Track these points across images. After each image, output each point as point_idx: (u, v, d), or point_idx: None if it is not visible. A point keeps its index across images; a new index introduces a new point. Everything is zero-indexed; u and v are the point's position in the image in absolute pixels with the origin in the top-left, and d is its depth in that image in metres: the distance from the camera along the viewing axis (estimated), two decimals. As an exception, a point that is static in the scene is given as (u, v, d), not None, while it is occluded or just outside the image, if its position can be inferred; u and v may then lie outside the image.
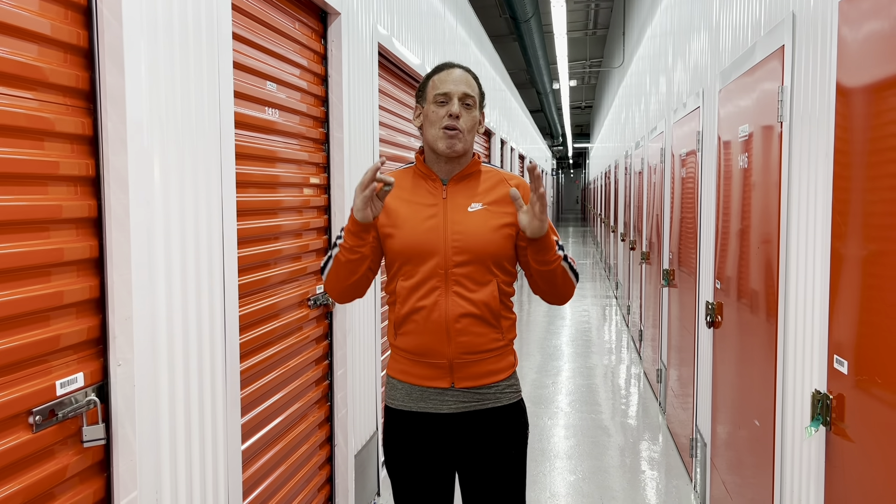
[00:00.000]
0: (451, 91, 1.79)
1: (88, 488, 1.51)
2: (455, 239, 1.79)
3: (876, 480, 1.53)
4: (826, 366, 1.82)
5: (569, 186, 51.21)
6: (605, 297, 10.29)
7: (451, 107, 1.79)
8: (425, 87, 1.86)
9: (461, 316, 1.78)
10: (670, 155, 4.72)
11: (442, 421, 1.84)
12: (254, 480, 2.31)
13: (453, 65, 1.87)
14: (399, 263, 1.82)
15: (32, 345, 1.37)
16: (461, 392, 1.83)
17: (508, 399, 1.88)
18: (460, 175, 1.86)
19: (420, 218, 1.81)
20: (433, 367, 1.82)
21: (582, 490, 3.69)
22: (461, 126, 1.79)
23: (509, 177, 1.91)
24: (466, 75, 1.85)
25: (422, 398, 1.85)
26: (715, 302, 3.15)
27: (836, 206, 1.76)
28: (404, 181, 1.88)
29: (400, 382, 1.88)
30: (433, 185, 1.85)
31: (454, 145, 1.79)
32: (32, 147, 1.37)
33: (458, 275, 1.78)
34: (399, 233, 1.81)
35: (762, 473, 2.41)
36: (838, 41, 1.76)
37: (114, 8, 1.50)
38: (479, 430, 1.85)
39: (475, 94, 1.84)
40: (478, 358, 1.82)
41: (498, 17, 13.49)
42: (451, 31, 5.89)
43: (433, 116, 1.81)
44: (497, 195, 1.85)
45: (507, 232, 1.82)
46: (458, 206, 1.82)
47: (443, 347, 1.80)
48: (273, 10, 2.46)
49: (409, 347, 1.83)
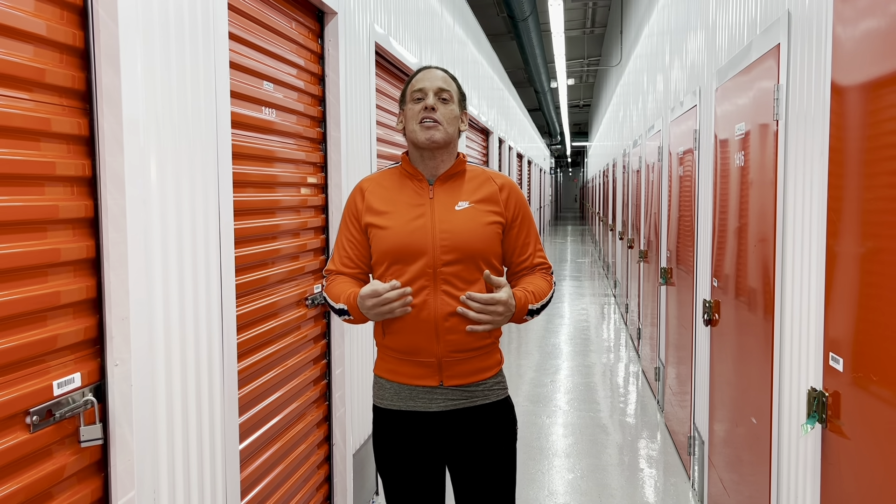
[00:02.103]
0: (425, 87, 1.84)
1: (86, 488, 1.51)
2: (443, 238, 1.80)
3: (872, 477, 1.54)
4: (822, 363, 1.82)
5: (567, 185, 51.22)
6: (604, 296, 10.30)
7: (426, 100, 1.83)
8: (405, 92, 1.92)
9: (450, 315, 1.79)
10: (668, 153, 4.72)
11: (431, 419, 1.86)
12: (252, 479, 2.31)
13: (430, 67, 1.91)
14: (387, 263, 1.83)
15: (29, 345, 1.37)
16: (450, 390, 1.85)
17: (496, 396, 1.90)
18: (446, 175, 1.88)
19: (407, 218, 1.83)
20: (422, 366, 1.83)
21: (580, 488, 3.70)
22: (438, 117, 1.82)
23: (495, 175, 1.94)
24: (443, 73, 1.89)
25: (411, 397, 1.86)
26: (712, 300, 3.15)
27: (831, 204, 1.77)
28: (391, 181, 1.91)
29: (388, 382, 1.89)
30: (419, 185, 1.88)
31: (433, 136, 1.82)
32: (29, 147, 1.37)
33: (447, 273, 1.80)
34: (386, 234, 1.83)
35: (759, 471, 2.42)
36: (833, 39, 1.77)
37: (109, 8, 1.50)
38: (468, 428, 1.87)
39: (452, 90, 1.87)
40: (466, 356, 1.83)
41: (495, 15, 13.49)
42: (448, 29, 5.89)
43: (410, 113, 1.86)
44: (483, 193, 1.88)
45: (494, 229, 1.85)
46: (445, 205, 1.84)
47: (431, 346, 1.81)
48: (269, 9, 2.46)
49: (398, 346, 1.84)
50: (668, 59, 5.05)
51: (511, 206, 1.90)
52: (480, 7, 12.02)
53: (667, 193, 4.71)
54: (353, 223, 1.91)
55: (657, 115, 5.50)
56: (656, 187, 5.23)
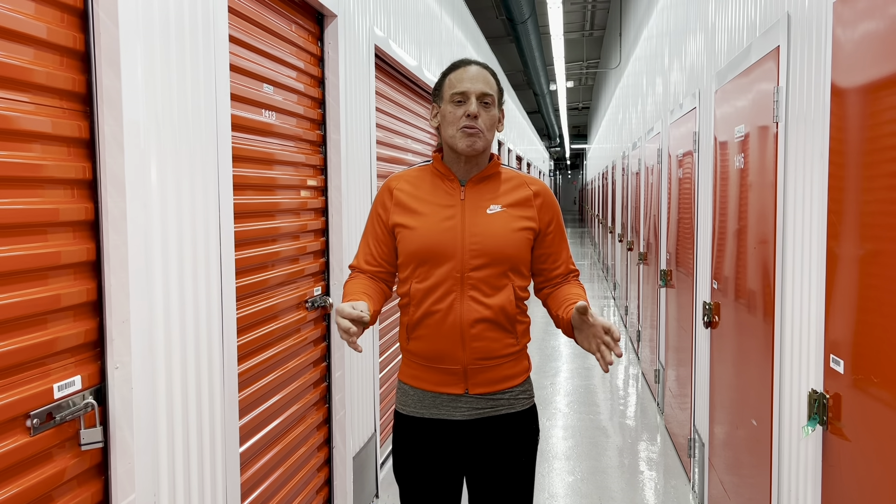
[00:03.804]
0: (468, 90, 1.74)
1: (86, 491, 1.51)
2: (473, 241, 1.74)
3: (872, 479, 1.54)
4: (822, 365, 1.82)
5: (566, 187, 51.25)
6: (603, 298, 10.30)
7: (468, 106, 1.74)
8: (441, 86, 1.81)
9: (476, 321, 1.74)
10: (667, 156, 4.72)
11: (454, 427, 1.80)
12: (252, 482, 2.31)
13: (469, 61, 1.81)
14: (414, 265, 1.77)
15: (30, 348, 1.37)
16: (475, 398, 1.79)
17: (522, 405, 1.84)
18: (479, 176, 1.81)
19: (437, 219, 1.76)
20: (447, 373, 1.78)
21: (580, 491, 3.70)
22: (480, 125, 1.74)
23: (530, 180, 1.86)
24: (484, 72, 1.79)
25: (434, 405, 1.80)
26: (712, 302, 3.15)
27: (831, 206, 1.77)
28: (421, 180, 1.84)
29: (412, 388, 1.84)
30: (451, 186, 1.80)
31: (474, 143, 1.74)
32: (29, 150, 1.37)
33: (475, 279, 1.74)
34: (415, 234, 1.76)
35: (760, 473, 2.41)
36: (833, 42, 1.77)
37: (110, 11, 1.50)
38: (490, 437, 1.81)
39: (493, 92, 1.78)
40: (493, 363, 1.78)
41: (495, 18, 13.51)
42: (447, 32, 5.90)
43: (451, 117, 1.76)
44: (517, 197, 1.81)
45: (525, 236, 1.79)
46: (476, 207, 1.78)
47: (457, 353, 1.75)
48: (269, 12, 2.46)
49: (423, 352, 1.79)
50: (667, 62, 5.05)
51: (545, 213, 1.84)
52: (480, 10, 12.05)
53: (666, 196, 4.71)
54: (379, 221, 1.85)
55: (656, 118, 5.50)
56: (656, 189, 5.23)
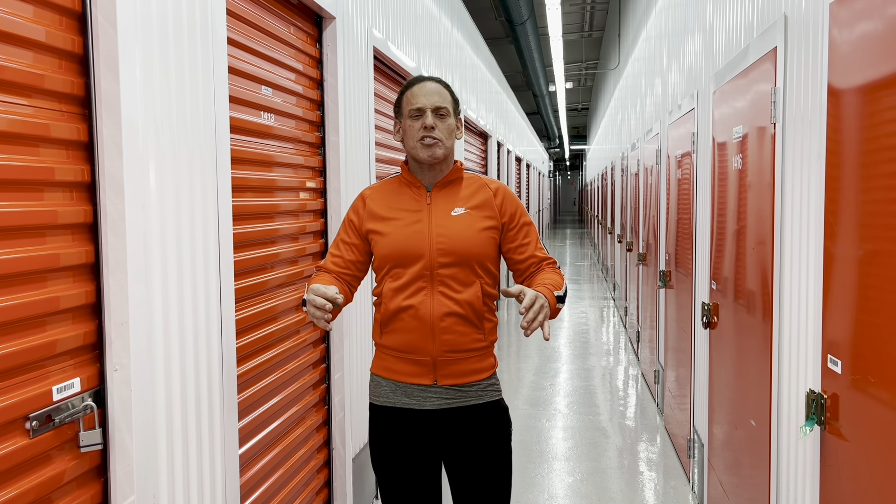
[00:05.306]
0: (423, 105, 1.90)
1: (86, 493, 1.51)
2: (440, 242, 1.89)
3: (870, 478, 1.54)
4: (820, 365, 1.82)
5: (566, 188, 51.25)
6: (603, 299, 10.30)
7: (424, 119, 1.89)
8: (401, 103, 1.97)
9: (446, 315, 1.87)
10: (666, 156, 4.73)
11: (425, 417, 1.92)
12: (251, 484, 2.31)
13: (423, 78, 1.97)
14: (389, 266, 1.92)
15: (29, 350, 1.37)
16: (444, 389, 1.91)
17: (490, 397, 1.96)
18: (443, 181, 1.96)
19: (406, 223, 1.92)
20: (417, 364, 1.91)
21: (580, 491, 3.70)
22: (437, 136, 1.90)
23: (489, 182, 2.02)
24: (437, 86, 1.94)
25: (405, 394, 1.93)
26: (711, 303, 3.15)
27: (828, 207, 1.77)
28: (391, 190, 1.99)
29: (384, 380, 1.96)
30: (418, 192, 1.96)
31: (434, 152, 1.90)
32: (28, 153, 1.38)
33: (444, 275, 1.88)
34: (387, 239, 1.92)
35: (759, 473, 2.42)
36: (829, 43, 1.78)
37: (108, 14, 1.51)
38: (461, 426, 1.92)
39: (447, 104, 1.93)
40: (460, 356, 1.90)
41: (493, 19, 13.52)
42: (446, 33, 5.90)
43: (411, 130, 1.92)
44: (479, 200, 1.95)
45: (489, 234, 1.93)
46: (441, 210, 1.93)
47: (427, 345, 1.88)
48: (268, 14, 2.47)
49: (395, 345, 1.92)
50: (665, 63, 5.06)
51: (505, 209, 1.97)
52: (478, 11, 12.05)
53: (665, 196, 4.72)
54: (351, 227, 2.00)
55: (655, 119, 5.51)
56: (655, 190, 5.24)
